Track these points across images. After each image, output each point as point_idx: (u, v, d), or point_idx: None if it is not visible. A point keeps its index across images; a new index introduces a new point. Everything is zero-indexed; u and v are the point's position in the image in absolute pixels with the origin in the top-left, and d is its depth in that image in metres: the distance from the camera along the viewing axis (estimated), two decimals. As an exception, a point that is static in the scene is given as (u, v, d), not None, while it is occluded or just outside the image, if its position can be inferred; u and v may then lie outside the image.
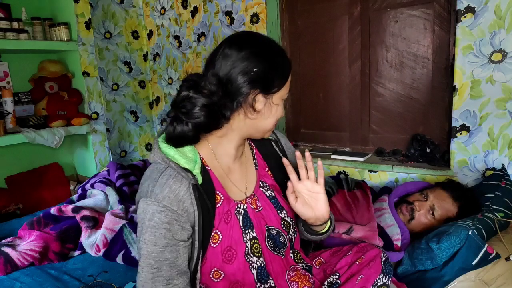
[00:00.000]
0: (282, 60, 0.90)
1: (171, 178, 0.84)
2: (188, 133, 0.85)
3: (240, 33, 0.92)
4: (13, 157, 2.30)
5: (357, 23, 1.99)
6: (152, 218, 0.82)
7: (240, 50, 0.84)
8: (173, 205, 0.83)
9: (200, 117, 0.83)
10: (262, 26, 2.18)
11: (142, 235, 0.84)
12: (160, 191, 0.83)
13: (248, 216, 0.95)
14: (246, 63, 0.84)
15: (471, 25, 1.53)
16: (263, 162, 1.06)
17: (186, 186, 0.84)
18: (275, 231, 0.99)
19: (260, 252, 0.95)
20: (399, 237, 1.39)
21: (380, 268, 1.01)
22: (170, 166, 0.85)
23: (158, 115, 2.96)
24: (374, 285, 0.99)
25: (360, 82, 2.04)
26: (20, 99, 2.22)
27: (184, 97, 0.84)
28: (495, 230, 1.27)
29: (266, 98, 0.88)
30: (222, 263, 0.90)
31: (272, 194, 1.02)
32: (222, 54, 0.85)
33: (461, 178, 1.67)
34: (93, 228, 1.63)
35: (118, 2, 2.66)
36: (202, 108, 0.83)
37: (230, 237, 0.91)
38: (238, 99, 0.85)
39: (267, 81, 0.86)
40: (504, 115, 1.54)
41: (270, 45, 0.89)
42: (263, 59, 0.85)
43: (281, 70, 0.88)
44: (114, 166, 2.04)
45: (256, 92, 0.85)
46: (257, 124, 0.90)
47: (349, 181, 1.75)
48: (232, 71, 0.84)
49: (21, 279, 1.37)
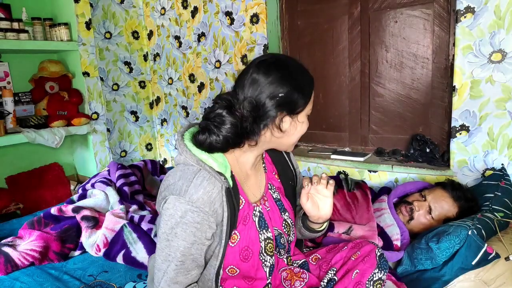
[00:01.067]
0: (306, 80, 0.96)
1: (205, 180, 0.89)
2: (217, 144, 0.91)
3: (266, 57, 0.96)
4: (13, 157, 2.30)
5: (357, 23, 2.00)
6: (185, 216, 0.88)
7: (267, 76, 0.90)
8: (205, 206, 0.88)
9: (229, 134, 0.90)
10: (262, 26, 2.18)
11: (172, 229, 0.88)
12: (194, 191, 0.88)
13: (263, 218, 1.03)
14: (272, 88, 0.90)
15: (471, 25, 1.53)
16: (271, 166, 1.14)
17: (219, 189, 0.90)
18: (277, 232, 1.06)
19: (273, 251, 1.04)
20: (398, 237, 1.39)
21: (375, 263, 1.03)
22: (204, 168, 0.90)
23: (158, 115, 2.96)
24: (370, 280, 1.01)
25: (360, 82, 2.04)
26: (21, 99, 2.22)
27: (218, 114, 0.90)
28: (494, 230, 1.27)
29: (292, 118, 0.94)
30: (239, 261, 0.97)
31: (278, 196, 1.10)
32: (250, 80, 0.91)
33: (460, 178, 1.67)
34: (93, 228, 1.63)
35: (118, 2, 2.67)
36: (231, 127, 0.89)
37: (248, 238, 0.98)
38: (266, 122, 0.92)
39: (293, 103, 0.92)
40: (503, 115, 1.54)
41: (294, 67, 0.95)
42: (288, 83, 0.91)
43: (305, 89, 0.94)
44: (115, 166, 2.04)
45: (283, 114, 0.92)
46: (282, 141, 0.97)
47: (349, 181, 1.76)
48: (260, 96, 0.90)
49: (21, 279, 1.38)
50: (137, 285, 1.36)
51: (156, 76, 2.89)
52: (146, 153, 2.96)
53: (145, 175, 2.16)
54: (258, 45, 2.22)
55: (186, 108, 2.75)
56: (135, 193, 1.94)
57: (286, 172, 1.15)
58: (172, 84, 2.79)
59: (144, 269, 1.46)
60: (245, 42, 2.28)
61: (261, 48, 2.21)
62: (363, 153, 2.03)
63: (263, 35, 2.18)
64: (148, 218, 1.67)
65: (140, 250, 1.50)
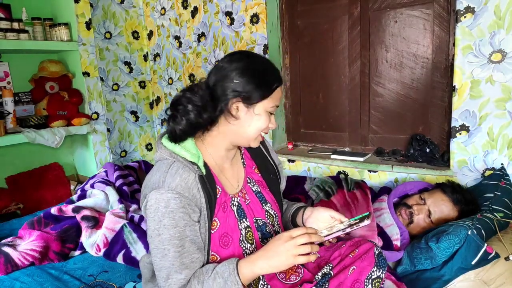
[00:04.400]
0: (267, 76, 1.00)
1: (180, 169, 0.95)
2: (183, 128, 0.97)
3: (236, 51, 1.06)
4: (13, 157, 2.30)
5: (357, 23, 2.00)
6: (168, 205, 0.92)
7: (230, 64, 0.99)
8: (184, 191, 0.93)
9: (191, 113, 0.95)
10: (262, 26, 2.18)
11: (160, 221, 0.92)
12: (172, 180, 0.93)
13: (242, 208, 1.08)
14: (231, 74, 0.97)
15: (471, 25, 1.53)
16: (250, 161, 1.19)
17: (193, 176, 0.95)
18: (261, 222, 1.11)
19: (253, 239, 1.07)
20: (398, 237, 1.39)
21: (374, 261, 1.02)
22: (177, 160, 0.97)
23: (158, 115, 2.96)
24: (368, 278, 1.00)
25: (360, 82, 2.04)
26: (21, 99, 2.22)
27: (180, 96, 0.98)
28: (494, 230, 1.27)
29: (248, 108, 0.99)
30: (219, 247, 1.01)
31: (258, 189, 1.15)
32: (216, 67, 1.01)
33: (460, 178, 1.67)
34: (93, 228, 1.63)
35: (119, 2, 2.67)
36: (193, 106, 0.95)
37: (227, 224, 1.03)
38: (221, 105, 0.98)
39: (247, 93, 0.97)
40: (503, 115, 1.54)
41: (259, 63, 1.01)
42: (247, 74, 0.97)
43: (263, 84, 0.99)
44: (112, 167, 2.04)
45: (237, 100, 0.97)
46: (239, 131, 1.01)
47: (349, 181, 1.76)
48: (219, 80, 0.98)
49: (21, 279, 1.38)
50: (137, 285, 1.36)
51: (156, 76, 2.89)
52: (146, 153, 2.96)
53: (140, 176, 2.17)
54: (258, 45, 2.22)
55: (186, 108, 2.74)
56: (135, 192, 1.94)
57: (267, 167, 1.20)
58: (172, 84, 2.79)
59: (144, 269, 1.47)
60: (245, 42, 2.28)
61: (261, 48, 2.21)
62: (363, 153, 2.03)
63: (263, 35, 2.19)
64: (148, 218, 1.67)
65: (140, 250, 1.50)
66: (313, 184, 1.80)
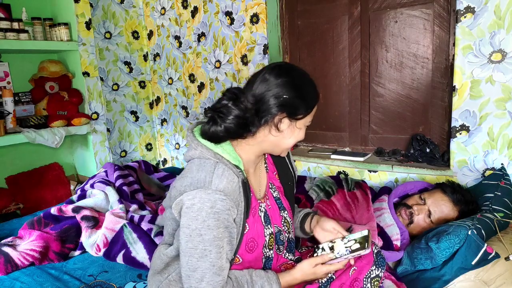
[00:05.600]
0: (311, 93, 1.01)
1: (226, 171, 0.95)
2: (220, 133, 0.97)
3: (281, 63, 1.04)
4: (13, 157, 2.30)
5: (357, 23, 1.99)
6: (215, 206, 0.91)
7: (277, 78, 0.97)
8: (231, 194, 0.94)
9: (232, 124, 0.96)
10: (262, 26, 2.18)
11: (204, 222, 0.91)
12: (219, 181, 0.93)
13: (267, 214, 1.09)
14: (279, 89, 0.96)
15: (471, 25, 1.53)
16: (272, 166, 1.20)
17: (237, 180, 0.96)
18: (277, 229, 1.11)
19: (272, 246, 1.09)
20: (398, 237, 1.39)
21: (372, 260, 1.05)
22: (221, 161, 0.96)
23: (158, 115, 2.96)
24: (367, 276, 1.02)
25: (360, 82, 2.04)
26: (21, 99, 2.22)
27: (224, 105, 0.97)
28: (494, 230, 1.27)
29: (291, 122, 0.99)
30: (244, 251, 1.02)
31: (278, 195, 1.16)
32: (261, 78, 0.98)
33: (460, 178, 1.67)
34: (93, 228, 1.63)
35: (118, 2, 2.66)
36: (235, 118, 0.96)
37: (255, 230, 1.04)
38: (266, 118, 0.97)
39: (294, 108, 0.97)
40: (503, 115, 1.54)
41: (303, 78, 1.01)
42: (294, 89, 0.97)
43: (308, 101, 1.00)
44: (112, 167, 2.04)
45: (283, 115, 0.97)
46: (279, 142, 1.02)
47: (349, 181, 1.76)
48: (266, 93, 0.96)
49: (21, 279, 1.38)
50: (137, 285, 1.36)
51: (156, 76, 2.89)
52: (146, 153, 2.96)
53: (140, 175, 2.17)
54: (258, 45, 2.22)
55: (186, 108, 2.74)
56: (135, 192, 1.94)
57: (286, 173, 1.21)
58: (172, 84, 2.79)
59: (144, 269, 1.46)
60: (245, 42, 2.28)
61: (261, 48, 2.21)
62: (363, 153, 2.03)
63: (263, 35, 2.18)
64: (148, 218, 1.67)
65: (140, 250, 1.50)
66: (313, 183, 1.80)
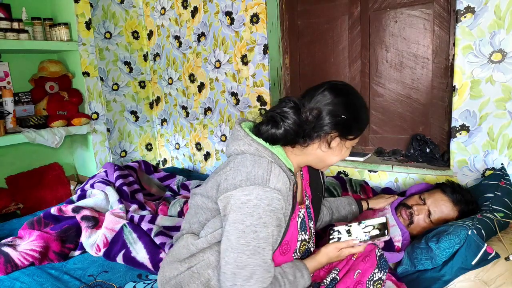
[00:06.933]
0: (365, 117, 1.05)
1: (281, 172, 0.97)
2: (278, 135, 0.99)
3: (341, 83, 1.06)
4: (13, 157, 2.30)
5: (357, 23, 1.99)
6: (271, 204, 0.93)
7: (337, 97, 0.99)
8: (285, 195, 0.96)
9: (291, 130, 0.98)
10: (262, 26, 2.18)
11: (260, 218, 0.92)
12: (276, 181, 0.94)
13: (304, 220, 1.11)
14: (337, 108, 0.99)
15: (471, 25, 1.53)
16: (307, 175, 1.21)
17: (289, 183, 0.98)
18: (307, 237, 1.13)
19: (301, 252, 1.11)
20: (400, 238, 1.39)
21: (375, 263, 1.05)
22: (276, 162, 0.98)
23: (158, 115, 2.96)
24: (370, 279, 1.02)
25: (360, 82, 2.04)
26: (21, 99, 2.22)
27: (285, 112, 0.99)
28: (494, 230, 1.27)
29: (341, 141, 1.02)
30: (278, 253, 1.03)
31: (309, 204, 1.18)
32: (321, 94, 1.00)
33: (460, 178, 1.67)
34: (93, 228, 1.63)
35: (118, 2, 2.66)
36: (294, 125, 0.98)
37: (291, 234, 1.05)
38: (320, 133, 1.00)
39: (348, 128, 1.01)
40: (503, 115, 1.54)
41: (361, 103, 1.04)
42: (351, 110, 1.00)
43: (362, 123, 1.04)
44: (112, 167, 2.04)
45: (336, 134, 1.00)
46: (325, 158, 1.05)
47: (353, 183, 1.76)
48: (323, 109, 0.99)
49: (21, 279, 1.38)
50: (137, 285, 1.36)
51: (156, 76, 2.89)
52: (146, 153, 2.96)
53: (140, 175, 2.17)
54: (258, 45, 2.22)
55: (186, 108, 2.74)
56: (135, 192, 1.94)
57: (317, 183, 1.23)
58: (172, 84, 2.79)
59: (144, 269, 1.46)
60: (245, 42, 2.28)
61: (261, 48, 2.21)
62: (363, 153, 2.03)
63: (263, 35, 2.18)
64: (148, 218, 1.67)
65: (140, 250, 1.50)
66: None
